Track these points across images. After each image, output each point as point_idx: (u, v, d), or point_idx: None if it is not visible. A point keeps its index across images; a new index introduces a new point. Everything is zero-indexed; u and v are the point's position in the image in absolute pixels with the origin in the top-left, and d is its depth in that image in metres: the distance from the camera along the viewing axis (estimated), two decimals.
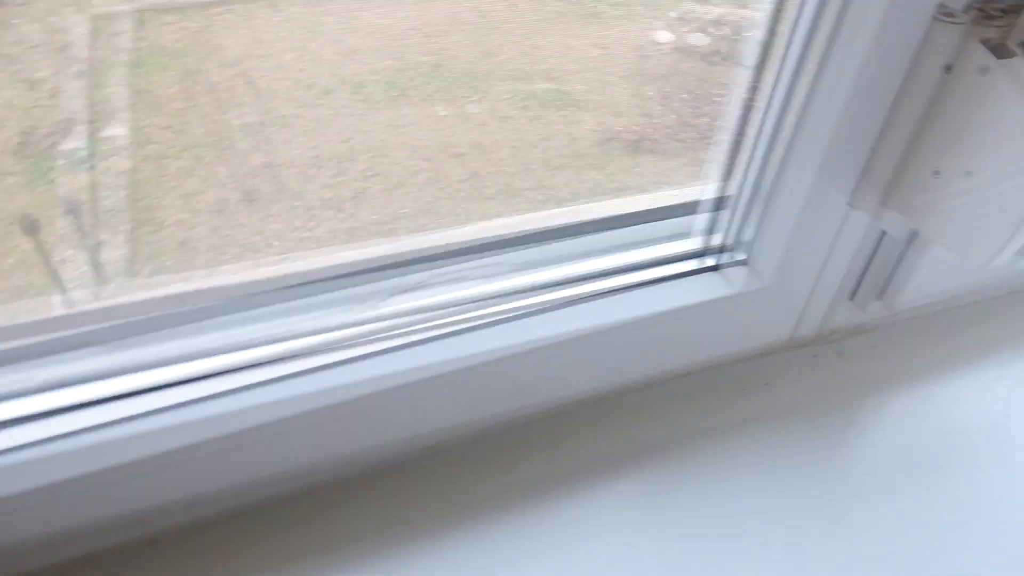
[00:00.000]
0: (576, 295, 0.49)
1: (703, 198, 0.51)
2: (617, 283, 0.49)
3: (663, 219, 0.53)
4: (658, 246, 0.52)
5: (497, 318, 0.49)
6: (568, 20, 1.61)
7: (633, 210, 0.55)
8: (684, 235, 0.53)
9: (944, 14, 0.44)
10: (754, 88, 0.47)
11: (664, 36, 1.59)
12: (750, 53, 0.47)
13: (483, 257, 0.50)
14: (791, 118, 0.47)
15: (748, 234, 0.53)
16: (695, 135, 1.45)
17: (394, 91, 1.32)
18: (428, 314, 0.48)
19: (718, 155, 0.50)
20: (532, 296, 0.48)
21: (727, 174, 0.49)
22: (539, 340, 0.48)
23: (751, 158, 0.49)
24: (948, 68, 0.45)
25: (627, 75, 1.52)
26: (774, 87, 0.47)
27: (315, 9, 1.33)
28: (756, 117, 0.48)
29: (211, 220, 1.01)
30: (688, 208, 0.52)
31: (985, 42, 0.43)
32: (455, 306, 0.48)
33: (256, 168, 1.14)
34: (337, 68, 1.29)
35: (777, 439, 0.55)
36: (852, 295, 0.60)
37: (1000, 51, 0.42)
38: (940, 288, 0.61)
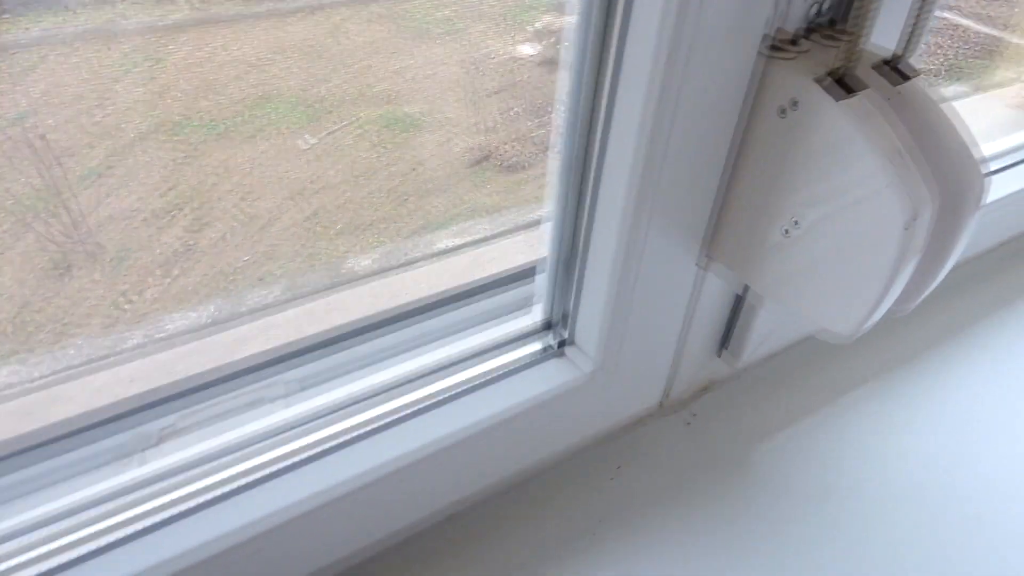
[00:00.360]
0: (400, 410, 0.44)
1: (538, 268, 0.49)
2: (452, 384, 0.46)
3: (500, 291, 0.51)
4: (497, 327, 0.49)
5: (315, 450, 0.42)
6: (396, 41, 1.57)
7: (469, 285, 0.52)
8: (524, 307, 0.51)
9: (772, 48, 0.41)
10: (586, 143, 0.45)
11: (498, 47, 1.59)
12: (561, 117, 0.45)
13: (284, 369, 0.44)
14: (633, 179, 0.44)
15: (595, 304, 0.51)
16: (538, 147, 1.47)
17: (218, 130, 1.23)
18: (193, 472, 0.40)
19: (546, 234, 0.48)
20: (357, 415, 0.43)
21: (562, 244, 0.47)
22: (361, 474, 0.42)
23: (581, 228, 0.47)
24: (783, 111, 0.42)
25: (463, 91, 1.51)
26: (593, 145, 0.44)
27: (117, 47, 1.21)
28: (588, 181, 0.47)
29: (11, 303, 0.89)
30: (526, 275, 0.51)
31: (820, 80, 0.40)
32: (244, 447, 0.41)
33: (66, 233, 1.02)
34: (149, 110, 1.18)
35: (657, 512, 0.55)
36: (720, 350, 0.61)
37: (839, 88, 0.39)
38: (806, 329, 0.63)
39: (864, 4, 0.36)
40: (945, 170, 0.39)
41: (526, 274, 0.49)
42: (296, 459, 0.42)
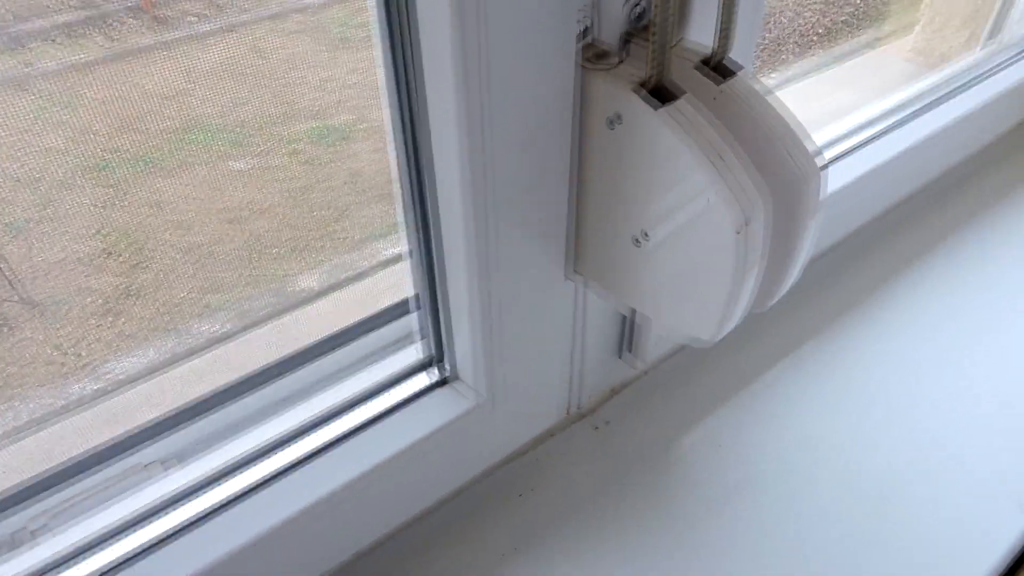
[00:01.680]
0: (287, 465, 0.43)
1: (411, 306, 0.49)
2: (337, 430, 0.46)
3: (383, 325, 0.50)
4: (380, 365, 0.49)
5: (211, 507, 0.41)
6: (317, 53, 1.55)
7: (351, 323, 0.52)
8: (403, 341, 0.50)
9: (591, 58, 0.40)
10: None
11: None
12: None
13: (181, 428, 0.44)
14: (466, 206, 0.44)
15: (466, 335, 0.50)
16: None
17: (143, 166, 1.21)
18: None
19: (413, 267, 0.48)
20: (252, 466, 0.43)
21: (423, 280, 0.47)
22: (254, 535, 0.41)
23: (433, 263, 0.46)
24: (612, 121, 0.42)
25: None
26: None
27: (24, 93, 1.18)
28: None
29: None
30: (399, 310, 0.50)
31: (637, 90, 0.40)
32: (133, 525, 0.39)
33: None
34: (67, 155, 1.16)
35: (575, 522, 0.55)
36: (620, 354, 0.60)
37: (655, 97, 0.39)
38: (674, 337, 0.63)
39: (664, 4, 0.35)
40: (776, 168, 0.38)
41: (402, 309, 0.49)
42: (185, 523, 0.41)
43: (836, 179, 0.85)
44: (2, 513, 0.39)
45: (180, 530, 0.40)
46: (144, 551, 0.39)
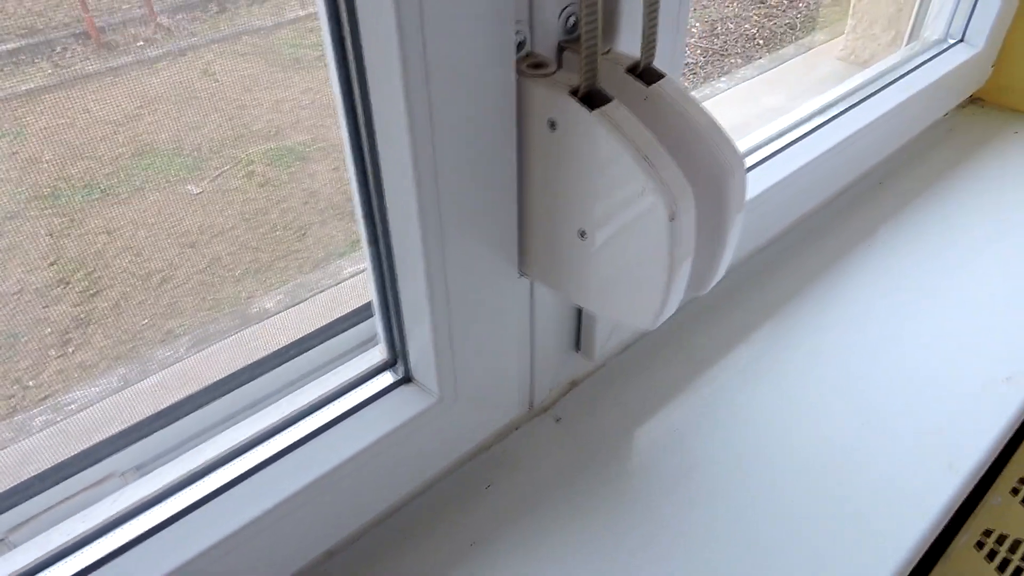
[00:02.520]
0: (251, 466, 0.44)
1: (373, 309, 0.50)
2: (305, 431, 0.47)
3: (349, 328, 0.52)
4: (345, 366, 0.51)
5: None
6: (270, 74, 1.56)
7: (316, 327, 0.53)
8: (368, 343, 0.52)
9: (530, 66, 0.43)
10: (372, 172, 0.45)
11: None
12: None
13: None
14: (412, 210, 0.44)
15: (421, 335, 0.51)
16: None
17: (96, 193, 1.20)
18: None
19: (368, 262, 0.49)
20: (211, 475, 0.44)
21: (380, 284, 0.49)
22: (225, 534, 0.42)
23: (387, 267, 0.47)
24: (552, 124, 0.44)
25: None
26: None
27: None
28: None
29: None
30: (364, 313, 0.52)
31: (574, 93, 0.42)
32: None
33: None
34: (17, 185, 1.15)
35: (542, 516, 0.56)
36: (576, 347, 0.62)
37: (591, 98, 0.42)
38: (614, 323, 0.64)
39: (590, 15, 0.38)
40: (703, 162, 0.41)
41: (364, 313, 0.51)
42: (148, 530, 0.42)
43: (775, 172, 0.89)
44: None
45: (142, 537, 0.40)
46: (106, 558, 0.39)
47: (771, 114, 1.14)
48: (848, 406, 0.73)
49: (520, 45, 0.44)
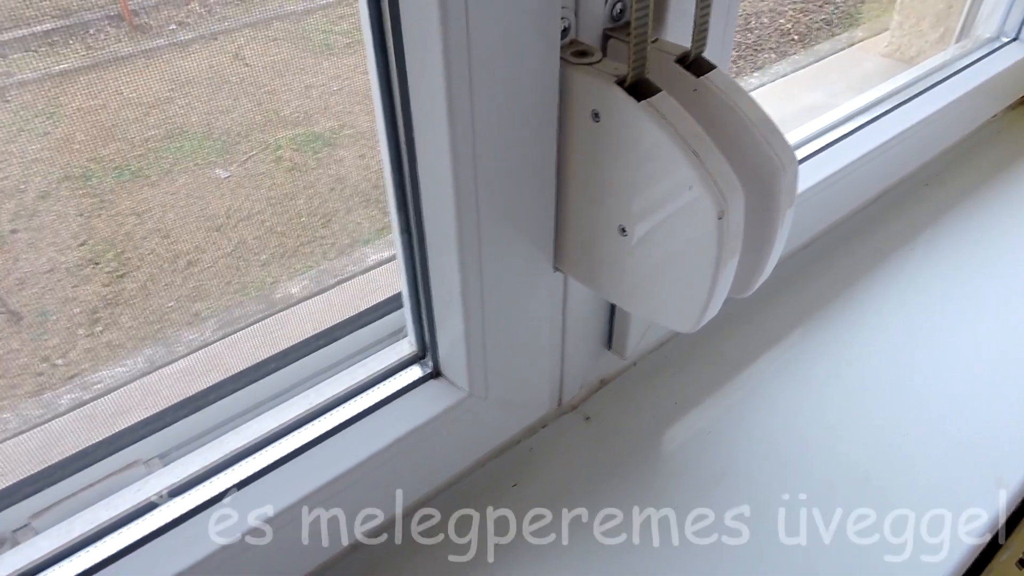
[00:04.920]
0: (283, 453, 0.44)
1: (403, 301, 0.49)
2: (333, 423, 0.46)
3: (378, 319, 0.51)
4: (374, 358, 0.49)
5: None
6: (300, 59, 1.56)
7: (344, 318, 0.52)
8: (395, 335, 0.51)
9: (575, 54, 0.42)
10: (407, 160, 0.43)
11: None
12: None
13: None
14: (449, 200, 0.44)
15: (452, 329, 0.50)
16: None
17: (126, 175, 1.21)
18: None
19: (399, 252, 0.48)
20: (244, 461, 0.44)
21: (412, 276, 0.47)
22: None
23: (419, 259, 0.46)
24: (596, 115, 0.43)
25: (372, 102, 1.50)
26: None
27: (3, 105, 1.18)
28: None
29: None
30: (392, 304, 0.50)
31: (621, 82, 0.41)
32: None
33: None
34: (50, 165, 1.16)
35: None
36: (608, 345, 0.61)
37: (639, 88, 0.40)
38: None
39: (641, 1, 0.36)
40: (754, 158, 0.39)
41: (395, 303, 0.49)
42: (174, 520, 0.42)
43: (815, 172, 0.87)
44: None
45: (169, 526, 0.40)
46: (133, 547, 0.39)
47: (810, 112, 1.11)
48: (890, 416, 0.71)
49: (564, 32, 0.42)
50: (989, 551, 0.85)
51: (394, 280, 0.62)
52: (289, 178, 1.33)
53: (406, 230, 0.46)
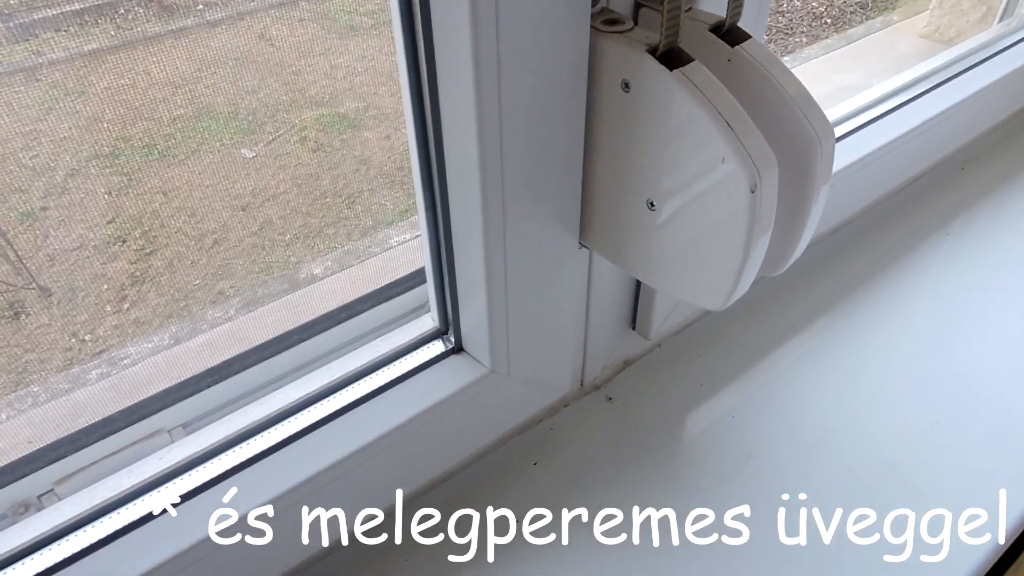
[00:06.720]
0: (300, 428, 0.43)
1: (426, 277, 0.49)
2: (354, 396, 0.46)
3: (392, 297, 0.50)
4: (397, 332, 0.49)
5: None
6: (326, 40, 1.55)
7: (367, 291, 0.52)
8: (418, 311, 0.51)
9: (605, 23, 0.40)
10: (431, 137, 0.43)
11: None
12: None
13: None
14: (475, 173, 0.43)
15: (475, 305, 0.50)
16: None
17: (154, 154, 1.22)
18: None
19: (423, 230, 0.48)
20: (269, 431, 0.44)
21: (436, 252, 0.47)
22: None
23: (443, 235, 0.45)
24: (626, 85, 0.41)
25: (397, 83, 1.49)
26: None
27: (34, 82, 1.19)
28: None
29: None
30: (415, 279, 0.50)
31: (653, 51, 0.39)
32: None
33: (7, 280, 1.02)
34: (79, 143, 1.17)
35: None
36: (632, 325, 0.60)
37: (672, 57, 0.39)
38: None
39: None
40: (790, 130, 0.38)
41: (418, 278, 0.49)
42: (195, 489, 0.42)
43: (849, 153, 0.84)
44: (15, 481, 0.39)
45: (191, 494, 0.40)
46: (155, 516, 0.39)
47: (844, 93, 1.08)
48: (919, 405, 0.69)
49: (594, 0, 0.41)
50: (1016, 547, 0.83)
51: (417, 257, 0.61)
52: (314, 159, 1.34)
53: (431, 206, 0.46)
